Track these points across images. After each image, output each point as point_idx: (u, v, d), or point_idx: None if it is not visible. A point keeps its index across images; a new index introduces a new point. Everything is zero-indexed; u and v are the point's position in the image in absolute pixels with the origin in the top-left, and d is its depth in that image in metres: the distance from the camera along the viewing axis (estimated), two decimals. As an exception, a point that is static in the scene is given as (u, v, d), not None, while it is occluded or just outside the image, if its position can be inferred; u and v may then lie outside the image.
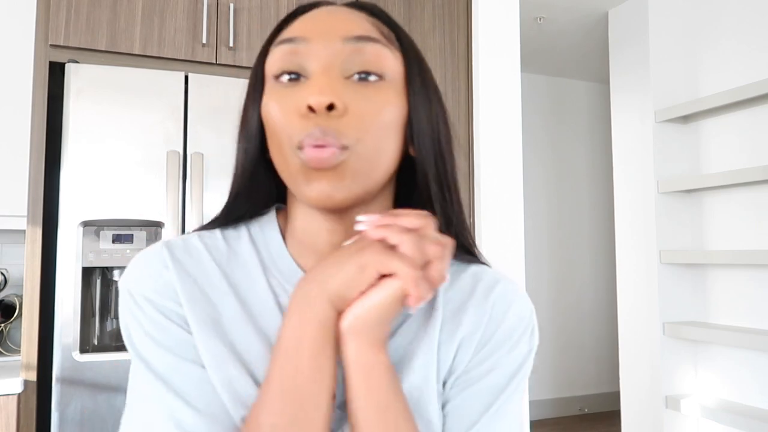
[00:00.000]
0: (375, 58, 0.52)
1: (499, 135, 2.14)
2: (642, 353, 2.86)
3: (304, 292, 0.49)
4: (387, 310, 0.48)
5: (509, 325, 0.57)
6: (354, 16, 0.54)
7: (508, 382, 0.56)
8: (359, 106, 0.50)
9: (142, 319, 0.53)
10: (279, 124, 0.51)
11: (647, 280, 2.84)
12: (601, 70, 4.26)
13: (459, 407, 0.54)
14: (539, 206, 4.32)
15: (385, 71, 0.52)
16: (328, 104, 0.48)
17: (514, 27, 2.19)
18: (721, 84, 2.72)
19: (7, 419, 1.57)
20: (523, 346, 0.57)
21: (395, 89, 0.53)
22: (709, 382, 2.71)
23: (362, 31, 0.52)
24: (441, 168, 0.56)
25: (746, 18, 2.61)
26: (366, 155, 0.50)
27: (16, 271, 2.07)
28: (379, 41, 0.53)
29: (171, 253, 0.55)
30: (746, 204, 2.58)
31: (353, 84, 0.51)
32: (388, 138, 0.52)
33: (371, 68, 0.52)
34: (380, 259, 0.47)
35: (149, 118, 1.70)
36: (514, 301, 0.58)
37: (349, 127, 0.49)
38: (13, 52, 1.88)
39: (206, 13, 1.84)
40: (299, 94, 0.50)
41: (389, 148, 0.53)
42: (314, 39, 0.52)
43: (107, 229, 1.65)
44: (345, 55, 0.51)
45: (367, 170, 0.51)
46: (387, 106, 0.52)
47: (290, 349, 0.48)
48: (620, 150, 3.07)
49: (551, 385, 4.22)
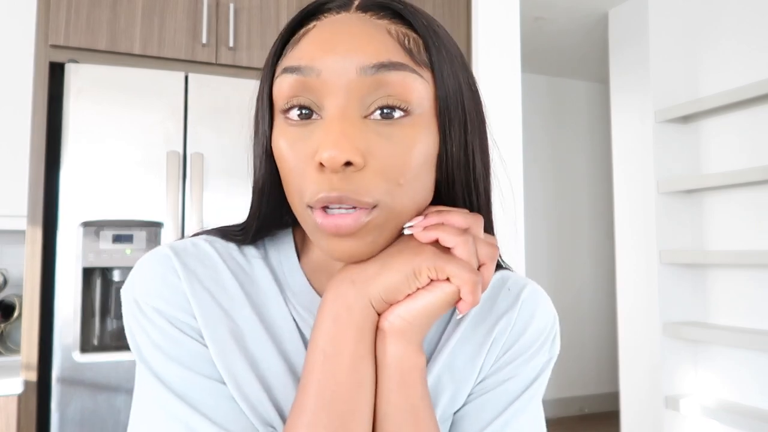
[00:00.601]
0: (400, 89, 0.44)
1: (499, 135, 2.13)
2: (642, 353, 2.86)
3: (339, 293, 0.46)
4: (435, 314, 0.45)
5: (531, 334, 0.55)
6: (372, 30, 0.45)
7: (524, 390, 0.54)
8: (384, 153, 0.43)
9: (151, 330, 0.48)
10: (289, 174, 0.46)
11: (647, 280, 2.84)
12: (601, 70, 4.26)
13: (470, 413, 0.53)
14: (539, 206, 4.32)
15: (412, 103, 0.44)
16: (343, 162, 0.42)
17: (514, 27, 2.19)
18: (721, 84, 2.72)
19: (7, 419, 1.57)
20: (543, 356, 0.56)
21: (425, 121, 0.45)
22: (709, 382, 2.71)
23: (384, 55, 0.43)
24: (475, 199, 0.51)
25: (746, 18, 2.60)
26: (397, 209, 0.45)
27: (16, 271, 2.06)
28: (405, 66, 0.44)
29: (181, 261, 0.50)
30: (746, 204, 2.58)
31: (374, 125, 0.44)
32: (419, 180, 0.46)
33: (395, 103, 0.44)
34: (436, 264, 0.44)
35: (149, 118, 1.70)
36: (537, 309, 0.56)
37: (373, 182, 0.43)
38: (13, 52, 1.88)
39: (206, 13, 1.83)
40: (311, 139, 0.44)
41: (423, 189, 0.47)
42: (326, 70, 0.44)
43: (107, 229, 1.65)
44: (364, 89, 0.43)
45: (397, 221, 0.46)
46: (417, 146, 0.44)
47: (328, 356, 0.44)
48: (620, 150, 3.07)
49: (551, 385, 4.22)
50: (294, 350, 0.51)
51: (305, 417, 0.43)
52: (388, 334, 0.45)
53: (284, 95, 0.45)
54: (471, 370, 0.53)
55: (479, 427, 0.52)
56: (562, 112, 4.49)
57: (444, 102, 0.46)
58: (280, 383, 0.49)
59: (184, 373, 0.47)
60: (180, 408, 0.46)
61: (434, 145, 0.46)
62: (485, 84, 2.15)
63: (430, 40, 0.46)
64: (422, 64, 0.45)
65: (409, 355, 0.46)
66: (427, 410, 0.47)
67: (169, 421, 0.46)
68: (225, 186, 1.75)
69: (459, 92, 0.47)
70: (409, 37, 0.46)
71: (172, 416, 0.46)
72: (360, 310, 0.45)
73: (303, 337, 0.51)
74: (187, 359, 0.47)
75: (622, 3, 3.08)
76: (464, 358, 0.54)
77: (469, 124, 0.48)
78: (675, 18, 2.92)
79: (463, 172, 0.49)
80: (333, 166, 0.42)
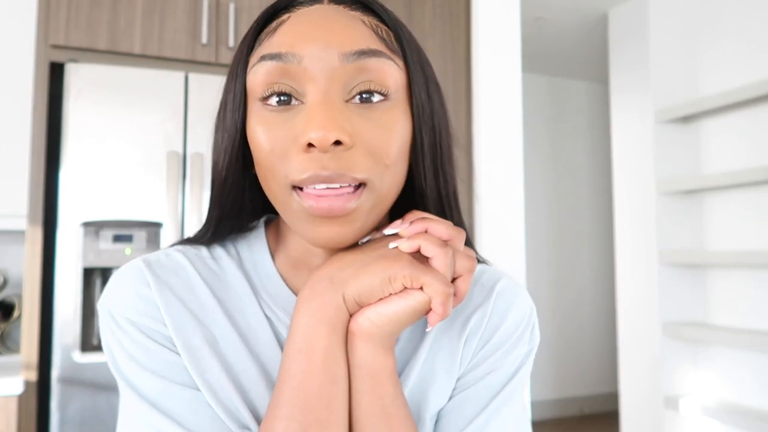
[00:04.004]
0: (379, 74, 0.46)
1: (499, 135, 2.14)
2: (642, 353, 2.86)
3: (315, 291, 0.46)
4: (404, 321, 0.46)
5: (509, 327, 0.55)
6: (349, 20, 0.47)
7: (505, 383, 0.54)
8: (369, 134, 0.45)
9: (126, 341, 0.49)
10: (270, 159, 0.46)
11: (647, 281, 2.84)
12: (601, 70, 4.26)
13: (453, 409, 0.53)
14: (539, 206, 4.32)
15: (390, 88, 0.46)
16: (333, 140, 0.43)
17: (514, 27, 2.19)
18: (721, 84, 2.72)
19: (7, 419, 1.57)
20: (522, 347, 0.56)
21: (400, 106, 0.47)
22: (708, 382, 2.71)
23: (363, 43, 0.45)
24: (442, 184, 0.52)
25: (746, 18, 2.61)
26: (383, 191, 0.46)
27: (16, 271, 2.06)
28: (382, 54, 0.46)
29: (152, 272, 0.51)
30: (746, 204, 2.58)
31: (356, 108, 0.45)
32: (399, 164, 0.47)
33: (375, 87, 0.46)
34: (412, 273, 0.45)
35: (149, 119, 1.70)
36: (514, 301, 0.56)
37: (362, 159, 0.44)
38: (13, 52, 1.88)
39: (206, 13, 1.83)
40: (294, 124, 0.45)
41: (401, 174, 0.48)
42: (308, 56, 0.45)
43: (107, 229, 1.65)
44: (345, 74, 0.45)
45: (382, 206, 0.47)
46: (396, 129, 0.46)
47: (302, 352, 0.45)
48: (620, 150, 3.07)
49: (551, 385, 4.22)
50: (269, 352, 0.51)
51: (281, 412, 0.44)
52: (356, 336, 0.46)
53: (262, 82, 0.46)
54: (451, 364, 0.54)
55: (463, 424, 0.52)
56: (562, 112, 4.49)
57: (417, 88, 0.48)
58: (254, 386, 0.49)
59: (158, 382, 0.48)
60: (155, 417, 0.46)
61: (409, 130, 0.48)
62: (485, 84, 2.15)
63: (399, 31, 0.49)
64: (395, 52, 0.48)
65: (377, 357, 0.46)
66: (401, 411, 0.47)
67: (144, 430, 0.46)
68: (225, 186, 1.75)
69: (426, 82, 0.50)
70: (381, 28, 0.48)
71: (147, 426, 0.46)
72: (334, 308, 0.46)
73: (278, 339, 0.52)
74: (161, 368, 0.48)
75: (622, 3, 3.08)
76: (443, 355, 0.54)
77: (435, 114, 0.50)
78: (675, 18, 2.92)
79: (431, 159, 0.50)
80: (323, 145, 0.42)
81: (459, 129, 2.15)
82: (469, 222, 2.11)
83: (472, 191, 2.13)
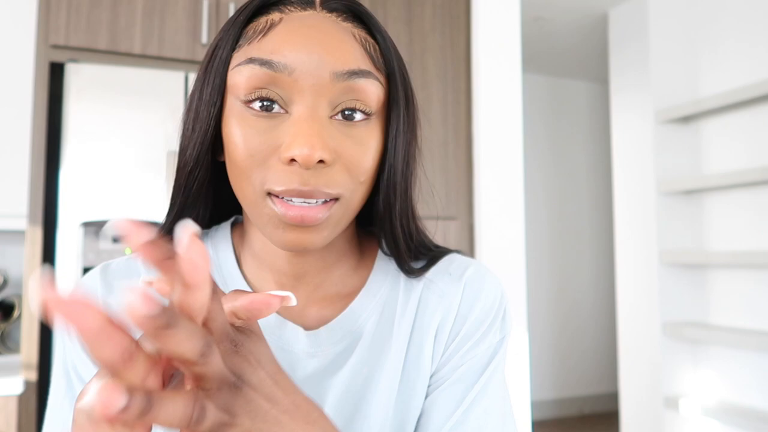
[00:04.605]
0: (365, 94, 0.46)
1: (499, 135, 2.14)
2: (642, 353, 2.86)
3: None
4: None
5: (478, 317, 0.54)
6: (343, 35, 0.47)
7: (479, 375, 0.52)
8: (348, 152, 0.46)
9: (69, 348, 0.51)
10: (247, 164, 0.45)
11: (647, 281, 2.84)
12: (601, 70, 4.26)
13: (431, 405, 0.52)
14: (539, 206, 4.32)
15: (373, 108, 0.47)
16: (318, 160, 0.43)
17: (514, 27, 2.19)
18: (721, 84, 2.72)
19: (7, 419, 1.57)
20: (494, 336, 0.54)
21: (377, 124, 0.48)
22: (708, 382, 2.71)
23: (354, 63, 0.46)
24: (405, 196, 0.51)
25: (746, 18, 2.61)
26: (353, 205, 0.48)
27: (16, 271, 2.06)
28: (370, 74, 0.46)
29: (104, 279, 0.52)
30: (746, 204, 2.58)
31: (338, 125, 0.46)
32: (371, 180, 0.49)
33: (360, 107, 0.46)
34: None
35: (149, 118, 1.70)
36: (481, 289, 0.55)
37: (339, 176, 0.45)
38: (13, 52, 1.88)
39: (206, 13, 1.83)
40: (278, 134, 0.45)
41: (371, 186, 0.49)
42: (299, 69, 0.45)
43: (107, 229, 1.65)
44: (334, 92, 0.45)
45: (350, 216, 0.49)
46: (372, 147, 0.47)
47: None
48: (620, 150, 3.07)
49: (551, 385, 4.22)
50: None
51: None
52: None
53: (248, 85, 0.45)
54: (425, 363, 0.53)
55: (442, 420, 0.51)
56: (562, 112, 4.49)
57: (396, 105, 0.49)
58: None
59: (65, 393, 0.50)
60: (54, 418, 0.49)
61: (381, 143, 0.49)
62: (485, 84, 2.15)
63: (383, 44, 0.49)
64: (380, 69, 0.48)
65: None
66: None
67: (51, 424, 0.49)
68: (225, 186, 1.75)
69: (405, 95, 0.50)
70: (369, 42, 0.48)
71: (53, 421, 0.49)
72: None
73: None
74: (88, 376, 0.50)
75: (622, 3, 3.08)
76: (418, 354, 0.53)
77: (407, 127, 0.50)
78: (675, 18, 2.92)
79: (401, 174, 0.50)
80: (307, 163, 0.43)
81: (459, 129, 2.15)
82: (468, 222, 2.11)
83: (472, 191, 2.13)
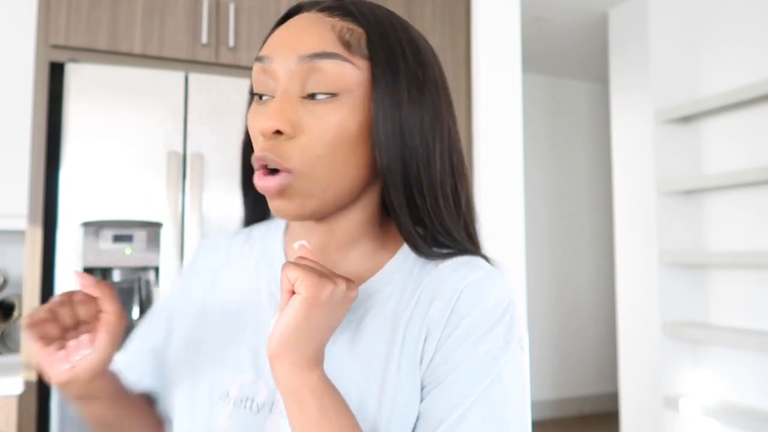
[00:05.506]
0: (331, 75, 0.51)
1: (499, 135, 2.14)
2: (642, 353, 2.86)
3: None
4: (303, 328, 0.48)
5: (476, 317, 0.53)
6: (318, 27, 0.52)
7: (479, 379, 0.51)
8: (310, 127, 0.51)
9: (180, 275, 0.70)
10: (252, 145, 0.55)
11: (647, 281, 2.84)
12: (601, 70, 4.26)
13: (427, 408, 0.51)
14: (539, 206, 4.32)
15: (341, 88, 0.51)
16: (273, 130, 0.50)
17: (514, 27, 2.19)
18: (721, 84, 2.72)
19: (7, 419, 1.57)
20: (496, 340, 0.52)
21: (353, 103, 0.52)
22: (708, 382, 2.71)
23: (319, 46, 0.51)
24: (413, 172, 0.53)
25: (746, 18, 2.61)
26: (317, 176, 0.51)
27: (16, 271, 2.07)
28: (337, 56, 0.51)
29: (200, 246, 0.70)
30: (746, 204, 2.58)
31: (309, 104, 0.51)
32: (343, 154, 0.52)
33: (322, 88, 0.51)
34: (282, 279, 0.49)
35: (149, 118, 1.70)
36: (485, 291, 0.54)
37: (294, 150, 0.51)
38: (13, 52, 1.88)
39: (206, 13, 1.83)
40: (264, 115, 0.53)
41: (349, 164, 0.52)
42: (276, 58, 0.52)
43: (107, 229, 1.65)
44: (303, 74, 0.51)
45: (321, 189, 0.52)
46: (337, 122, 0.51)
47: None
48: (620, 150, 3.07)
49: (551, 385, 4.22)
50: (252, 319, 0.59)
51: None
52: (271, 360, 0.49)
53: (253, 79, 0.55)
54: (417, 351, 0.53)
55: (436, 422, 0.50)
56: (562, 112, 4.49)
57: (378, 86, 0.52)
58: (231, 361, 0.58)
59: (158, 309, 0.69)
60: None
61: (359, 124, 0.52)
62: (485, 84, 2.15)
63: (371, 33, 0.53)
64: (358, 54, 0.52)
65: (293, 377, 0.48)
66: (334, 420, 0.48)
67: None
68: (225, 186, 1.75)
69: (396, 79, 0.53)
70: (351, 31, 0.53)
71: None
72: None
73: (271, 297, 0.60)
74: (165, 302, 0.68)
75: (622, 3, 3.08)
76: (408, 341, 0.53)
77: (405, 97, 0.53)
78: (675, 18, 2.92)
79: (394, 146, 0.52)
80: (265, 134, 0.50)
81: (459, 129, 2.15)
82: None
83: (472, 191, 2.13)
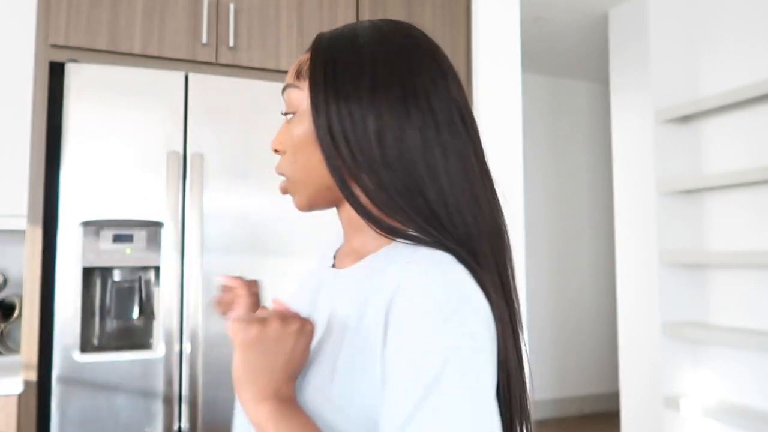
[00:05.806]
0: (290, 100, 0.65)
1: (499, 135, 2.14)
2: (642, 353, 2.86)
3: None
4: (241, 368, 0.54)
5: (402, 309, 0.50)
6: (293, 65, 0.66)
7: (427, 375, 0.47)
8: (284, 141, 0.66)
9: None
10: None
11: (647, 281, 2.84)
12: (601, 70, 4.26)
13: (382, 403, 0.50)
14: (539, 206, 4.32)
15: (295, 107, 0.64)
16: (273, 150, 0.67)
17: (514, 27, 2.19)
18: (721, 84, 2.72)
19: (7, 419, 1.57)
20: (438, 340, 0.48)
21: (303, 116, 0.63)
22: (708, 382, 2.71)
23: (287, 80, 0.66)
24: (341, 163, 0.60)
25: (746, 18, 2.61)
26: (296, 177, 0.65)
27: (16, 271, 2.07)
28: (292, 85, 0.64)
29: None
30: (746, 204, 2.58)
31: (286, 124, 0.66)
32: (304, 156, 0.63)
33: (287, 110, 0.65)
34: None
35: (149, 118, 1.70)
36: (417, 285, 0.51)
37: (283, 160, 0.66)
38: (13, 52, 1.88)
39: (206, 13, 1.83)
40: None
41: (312, 164, 0.63)
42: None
43: (107, 229, 1.65)
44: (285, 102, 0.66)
45: (303, 186, 0.65)
46: (294, 132, 0.64)
47: None
48: (620, 150, 3.07)
49: (551, 385, 4.22)
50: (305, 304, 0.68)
51: None
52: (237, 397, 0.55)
53: None
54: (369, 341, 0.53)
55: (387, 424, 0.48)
56: (562, 112, 4.49)
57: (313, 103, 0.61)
58: None
59: None
60: None
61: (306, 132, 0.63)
62: (485, 84, 2.15)
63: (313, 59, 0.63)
64: (302, 79, 0.64)
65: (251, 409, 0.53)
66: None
67: None
68: (225, 186, 1.75)
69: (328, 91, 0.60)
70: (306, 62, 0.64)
71: None
72: None
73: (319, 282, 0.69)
74: None
75: (622, 3, 3.08)
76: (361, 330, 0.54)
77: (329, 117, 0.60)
78: (675, 18, 2.92)
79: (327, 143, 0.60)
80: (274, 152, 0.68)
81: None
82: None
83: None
